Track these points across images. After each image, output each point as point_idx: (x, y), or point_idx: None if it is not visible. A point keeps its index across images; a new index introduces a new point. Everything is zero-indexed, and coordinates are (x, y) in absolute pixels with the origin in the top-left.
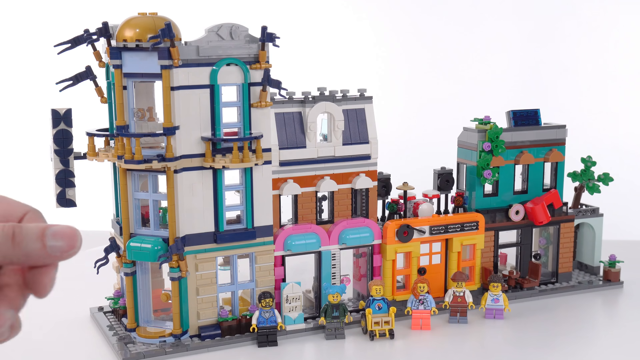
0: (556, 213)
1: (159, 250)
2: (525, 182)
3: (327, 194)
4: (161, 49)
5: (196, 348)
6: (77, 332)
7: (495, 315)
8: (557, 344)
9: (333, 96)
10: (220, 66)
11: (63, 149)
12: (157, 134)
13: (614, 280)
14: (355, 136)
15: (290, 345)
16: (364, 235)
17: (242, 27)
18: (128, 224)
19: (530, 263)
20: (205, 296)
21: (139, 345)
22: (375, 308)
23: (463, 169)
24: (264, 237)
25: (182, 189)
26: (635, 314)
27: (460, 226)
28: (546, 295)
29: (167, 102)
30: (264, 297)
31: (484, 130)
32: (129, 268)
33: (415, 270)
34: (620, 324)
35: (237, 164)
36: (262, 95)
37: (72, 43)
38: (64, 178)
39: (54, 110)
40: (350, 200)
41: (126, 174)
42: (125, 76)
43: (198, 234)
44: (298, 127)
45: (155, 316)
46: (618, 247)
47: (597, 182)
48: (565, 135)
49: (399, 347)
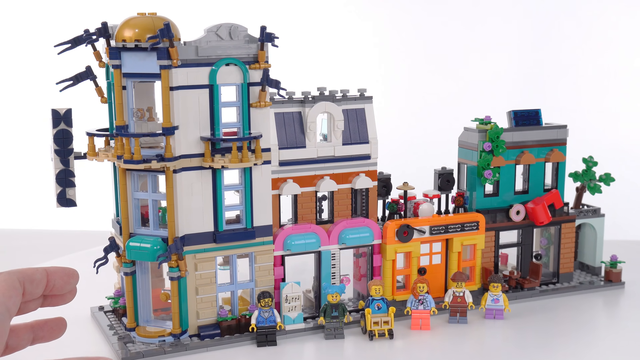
0: (557, 213)
1: (158, 249)
2: (526, 182)
3: (327, 193)
4: (160, 49)
5: (195, 347)
6: (77, 331)
7: (495, 316)
8: (557, 345)
9: (333, 96)
10: (219, 66)
11: (63, 149)
12: (156, 134)
13: (615, 281)
14: (355, 136)
15: (290, 345)
16: (364, 235)
17: (241, 27)
18: (127, 224)
19: (531, 263)
20: (205, 296)
21: (138, 345)
22: (375, 308)
23: (464, 169)
24: (263, 237)
25: (181, 189)
26: (637, 315)
27: (460, 226)
28: (547, 296)
29: (166, 102)
30: (263, 297)
31: (484, 130)
32: (129, 268)
33: (415, 270)
34: (621, 325)
35: (236, 164)
36: (261, 95)
37: (72, 43)
38: (64, 178)
39: (54, 110)
40: (350, 200)
41: (126, 174)
42: (125, 76)
43: (197, 233)
44: (298, 127)
45: (156, 316)
46: (619, 247)
47: (598, 183)
48: (566, 135)
49: (399, 347)
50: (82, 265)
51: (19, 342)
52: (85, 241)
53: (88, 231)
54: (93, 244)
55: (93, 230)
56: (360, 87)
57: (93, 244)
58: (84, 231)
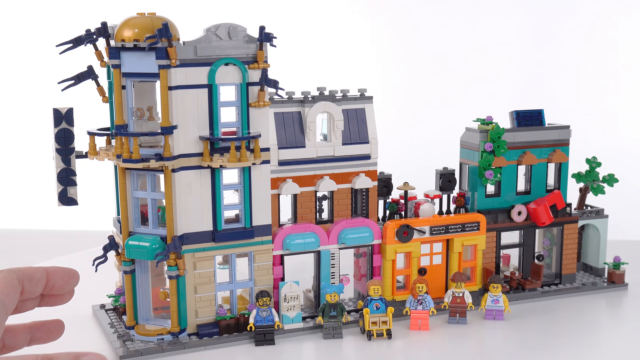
0: (560, 214)
1: (156, 248)
2: (529, 182)
3: (327, 193)
4: (159, 48)
5: (194, 346)
6: (78, 330)
7: (495, 316)
8: (558, 346)
9: (333, 96)
10: (218, 66)
11: (64, 148)
12: (155, 133)
13: (619, 282)
14: (355, 136)
15: (288, 344)
16: (364, 235)
17: (240, 27)
18: (127, 223)
19: (533, 264)
20: (204, 295)
21: (137, 343)
22: (373, 308)
23: (465, 170)
24: (262, 236)
25: (180, 188)
26: None
27: (461, 227)
28: (548, 297)
29: (164, 101)
30: (261, 296)
31: (485, 131)
32: (128, 266)
33: (415, 270)
34: (624, 326)
35: (235, 163)
36: (260, 94)
37: (74, 43)
38: (66, 177)
39: (55, 110)
40: (350, 200)
41: (125, 173)
42: (124, 76)
43: (196, 232)
44: (297, 127)
45: (156, 314)
46: (623, 248)
47: (601, 183)
48: (569, 136)
49: (397, 347)
50: (83, 265)
51: (16, 342)
52: (86, 241)
53: (88, 231)
54: (93, 243)
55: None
56: (361, 87)
57: (93, 244)
58: (84, 231)
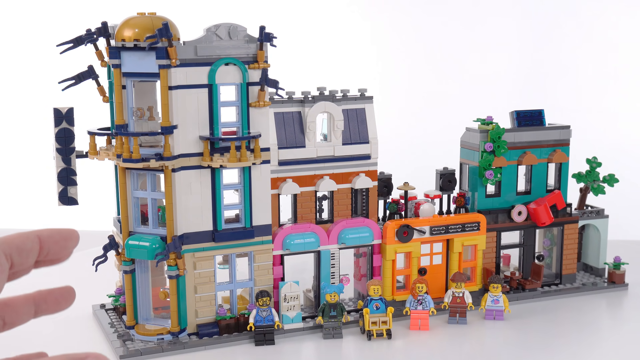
0: (560, 214)
1: (156, 248)
2: (529, 183)
3: (327, 193)
4: (159, 48)
5: (194, 346)
6: (78, 329)
7: (495, 317)
8: (558, 346)
9: (333, 96)
10: (218, 66)
11: (65, 148)
12: (155, 133)
13: (619, 282)
14: (355, 136)
15: (288, 344)
16: (364, 235)
17: (240, 27)
18: (127, 222)
19: (533, 264)
20: (204, 294)
21: (137, 343)
22: (373, 308)
23: (466, 170)
24: (262, 236)
25: (180, 188)
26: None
27: (461, 227)
28: (549, 297)
29: (165, 101)
30: (261, 296)
31: (486, 131)
32: (128, 266)
33: (415, 270)
34: (624, 326)
35: (235, 163)
36: (260, 94)
37: (75, 43)
38: (66, 176)
39: (56, 109)
40: (350, 200)
41: (125, 173)
42: (124, 75)
43: (196, 232)
44: (297, 127)
45: (156, 314)
46: (623, 248)
47: (602, 184)
48: (569, 136)
49: (397, 347)
50: (84, 265)
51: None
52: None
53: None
54: (94, 243)
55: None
56: (361, 87)
57: (94, 244)
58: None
